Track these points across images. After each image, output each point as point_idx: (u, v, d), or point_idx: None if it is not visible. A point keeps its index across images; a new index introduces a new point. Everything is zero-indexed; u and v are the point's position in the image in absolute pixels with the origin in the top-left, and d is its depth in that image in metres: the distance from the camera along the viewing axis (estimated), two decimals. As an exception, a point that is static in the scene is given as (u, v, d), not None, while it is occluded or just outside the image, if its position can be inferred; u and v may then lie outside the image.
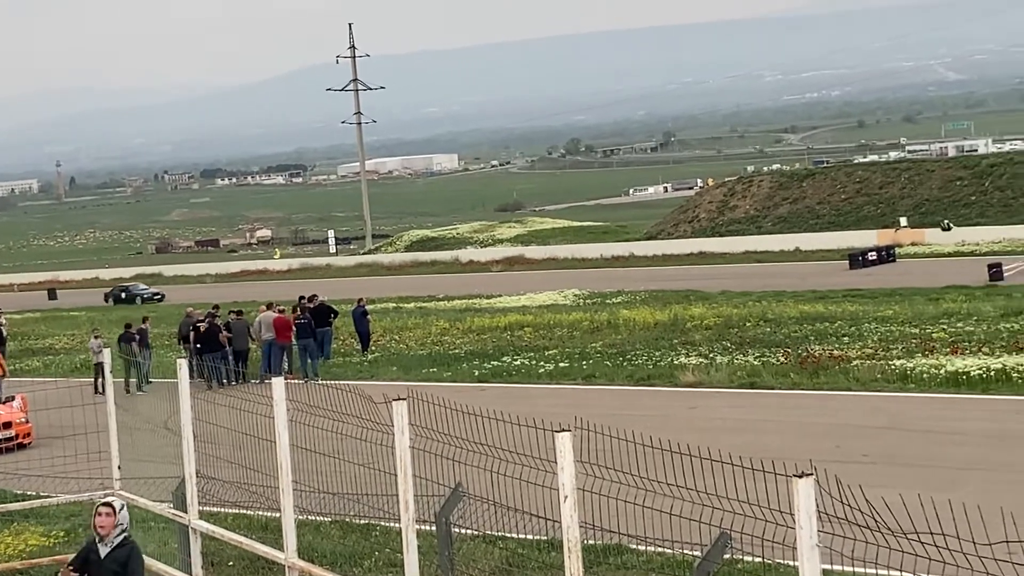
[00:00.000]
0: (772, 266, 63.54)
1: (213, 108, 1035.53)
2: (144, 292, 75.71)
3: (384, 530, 12.29)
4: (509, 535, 11.02)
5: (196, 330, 30.66)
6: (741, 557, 8.37)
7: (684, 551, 8.39)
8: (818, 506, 5.18)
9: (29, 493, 16.22)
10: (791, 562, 5.41)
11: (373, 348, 34.06)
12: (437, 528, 9.08)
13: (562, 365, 27.89)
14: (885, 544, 5.40)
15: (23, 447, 22.11)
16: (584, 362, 28.07)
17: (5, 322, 43.63)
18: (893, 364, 23.63)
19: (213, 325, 30.66)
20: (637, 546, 10.64)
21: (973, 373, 21.83)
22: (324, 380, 24.19)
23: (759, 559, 6.51)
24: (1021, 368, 21.81)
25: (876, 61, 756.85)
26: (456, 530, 9.15)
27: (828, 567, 5.33)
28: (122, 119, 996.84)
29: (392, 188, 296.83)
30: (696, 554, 7.14)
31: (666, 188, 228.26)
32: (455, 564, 9.20)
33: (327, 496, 10.59)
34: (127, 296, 74.40)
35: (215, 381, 21.48)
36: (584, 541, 6.89)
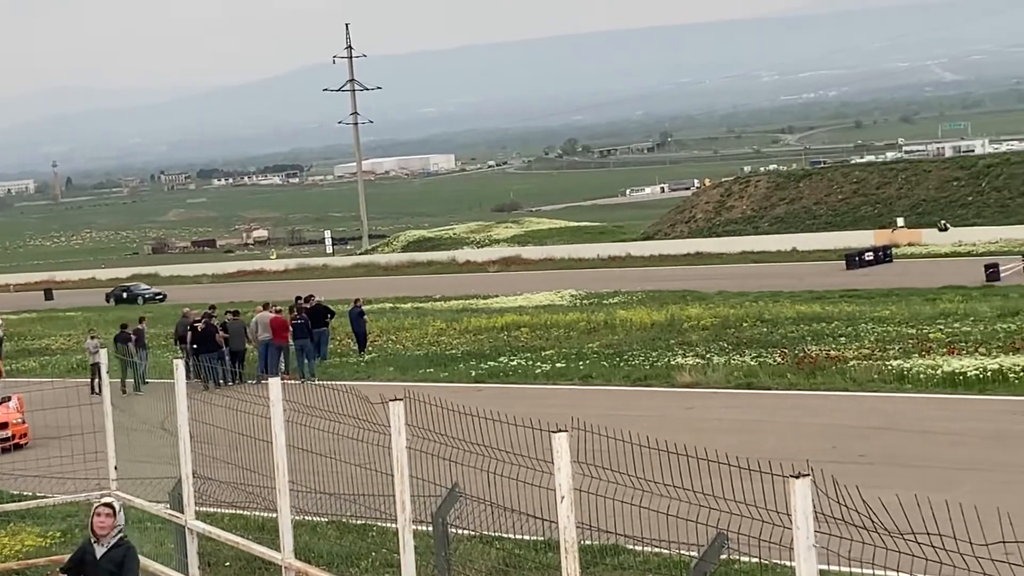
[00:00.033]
0: (769, 266, 63.55)
1: (210, 108, 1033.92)
2: (146, 292, 75.03)
3: (381, 530, 12.28)
4: (506, 535, 11.01)
5: (193, 330, 30.61)
6: (738, 557, 8.35)
7: (681, 551, 8.39)
8: (815, 506, 5.18)
9: (25, 493, 16.24)
10: (788, 562, 5.42)
11: (370, 348, 34.05)
12: (434, 528, 9.06)
13: (559, 365, 27.88)
14: (882, 544, 5.40)
15: (19, 447, 22.13)
16: (581, 362, 28.07)
17: (2, 322, 43.64)
18: (890, 364, 23.64)
19: (210, 325, 30.62)
20: (634, 546, 10.64)
21: (970, 373, 21.83)
22: (321, 380, 24.15)
23: (756, 559, 6.50)
24: (1017, 368, 21.82)
25: (874, 61, 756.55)
26: (453, 530, 9.13)
27: (825, 567, 5.33)
28: (119, 119, 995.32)
29: (389, 188, 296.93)
30: (693, 554, 7.13)
31: (663, 188, 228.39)
32: (452, 564, 9.18)
33: (324, 496, 10.59)
34: (128, 296, 73.81)
35: (212, 381, 21.47)
36: (581, 541, 6.89)
